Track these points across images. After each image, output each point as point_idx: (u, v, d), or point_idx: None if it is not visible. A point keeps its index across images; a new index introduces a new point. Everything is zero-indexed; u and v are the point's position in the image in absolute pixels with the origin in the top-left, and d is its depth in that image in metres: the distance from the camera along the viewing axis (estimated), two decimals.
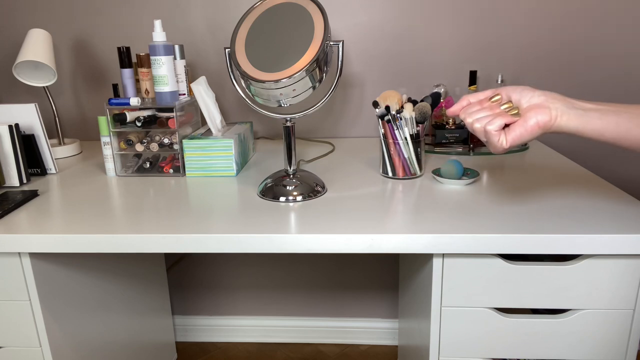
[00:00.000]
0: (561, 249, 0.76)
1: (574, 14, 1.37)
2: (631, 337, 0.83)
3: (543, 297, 0.82)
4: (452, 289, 0.83)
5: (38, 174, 1.16)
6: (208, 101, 1.16)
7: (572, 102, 0.69)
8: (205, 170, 1.13)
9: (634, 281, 0.80)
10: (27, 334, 0.91)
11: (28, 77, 1.31)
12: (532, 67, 1.41)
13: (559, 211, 0.85)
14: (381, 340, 1.69)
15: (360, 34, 1.43)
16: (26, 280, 0.88)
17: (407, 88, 1.46)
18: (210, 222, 0.85)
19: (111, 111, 1.12)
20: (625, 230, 0.76)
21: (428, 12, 1.39)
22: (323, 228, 0.81)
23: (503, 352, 0.86)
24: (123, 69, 1.26)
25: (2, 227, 0.85)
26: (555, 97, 0.69)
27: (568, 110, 0.68)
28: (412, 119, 1.03)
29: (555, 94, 0.69)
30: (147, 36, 1.47)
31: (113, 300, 1.21)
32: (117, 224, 0.85)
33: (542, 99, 0.69)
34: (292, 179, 0.98)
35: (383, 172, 1.09)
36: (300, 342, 1.72)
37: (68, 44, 1.50)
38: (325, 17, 0.89)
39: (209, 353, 1.68)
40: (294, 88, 0.89)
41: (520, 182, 1.01)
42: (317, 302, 1.69)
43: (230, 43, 0.93)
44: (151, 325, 1.45)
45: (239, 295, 1.70)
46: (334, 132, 1.52)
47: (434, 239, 0.77)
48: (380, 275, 1.64)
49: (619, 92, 1.41)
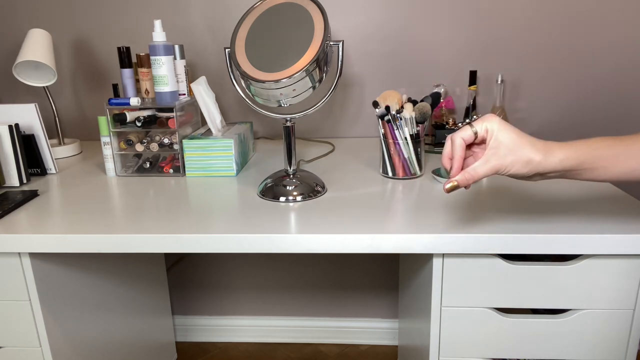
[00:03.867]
0: (561, 249, 0.76)
1: (574, 14, 1.36)
2: (631, 337, 0.83)
3: (543, 297, 0.82)
4: (452, 289, 0.83)
5: (38, 174, 1.16)
6: (208, 101, 1.16)
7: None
8: (205, 170, 1.13)
9: (634, 281, 0.80)
10: (27, 334, 0.91)
11: (28, 77, 1.31)
12: (532, 67, 1.41)
13: (559, 211, 0.85)
14: (381, 340, 1.69)
15: (360, 34, 1.42)
16: (26, 280, 0.88)
17: (407, 88, 1.46)
18: (210, 222, 0.85)
19: (111, 111, 1.12)
20: (625, 230, 0.76)
21: (428, 12, 1.39)
22: (323, 228, 0.81)
23: (503, 352, 0.86)
24: (123, 69, 1.26)
25: (2, 227, 0.85)
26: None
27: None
28: (412, 119, 1.03)
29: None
30: (147, 36, 1.47)
31: (113, 300, 1.21)
32: (117, 224, 0.85)
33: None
34: (292, 179, 0.98)
35: (383, 172, 1.09)
36: (300, 342, 1.72)
37: (68, 44, 1.50)
38: (325, 17, 0.89)
39: (209, 353, 1.68)
40: (294, 88, 0.89)
41: (520, 183, 1.01)
42: (317, 302, 1.69)
43: (230, 43, 0.93)
44: (151, 325, 1.45)
45: (239, 295, 1.70)
46: (334, 132, 1.52)
47: (434, 239, 0.77)
48: (380, 275, 1.64)
49: (620, 91, 1.41)
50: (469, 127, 0.68)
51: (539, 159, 0.65)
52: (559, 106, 1.44)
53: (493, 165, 0.66)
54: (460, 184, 0.67)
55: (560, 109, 1.44)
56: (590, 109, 1.44)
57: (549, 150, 0.65)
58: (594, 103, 1.43)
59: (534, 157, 0.65)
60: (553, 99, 1.44)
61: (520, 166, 0.65)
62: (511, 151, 0.65)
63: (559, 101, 1.44)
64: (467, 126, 0.68)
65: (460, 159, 0.68)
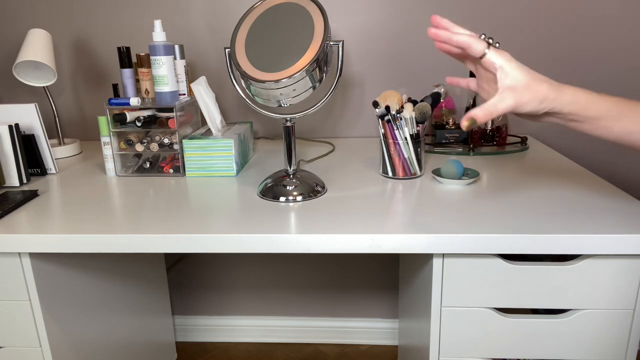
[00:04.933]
0: (561, 249, 0.76)
1: (574, 13, 1.37)
2: (631, 337, 0.83)
3: (543, 297, 0.82)
4: (452, 289, 0.83)
5: (38, 174, 1.16)
6: (208, 101, 1.16)
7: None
8: (205, 170, 1.13)
9: (634, 281, 0.80)
10: (27, 334, 0.91)
11: (28, 77, 1.31)
12: (532, 67, 1.41)
13: (559, 211, 0.85)
14: (381, 340, 1.69)
15: (360, 34, 1.43)
16: (26, 280, 0.88)
17: (407, 88, 1.46)
18: (210, 222, 0.85)
19: (111, 111, 1.12)
20: (625, 230, 0.76)
21: (428, 12, 1.39)
22: (323, 228, 0.81)
23: (503, 352, 0.86)
24: (123, 69, 1.26)
25: (2, 227, 0.85)
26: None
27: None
28: (412, 119, 1.03)
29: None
30: (147, 36, 1.47)
31: (113, 300, 1.21)
32: (117, 224, 0.85)
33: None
34: (292, 179, 0.98)
35: (383, 172, 1.09)
36: (300, 342, 1.72)
37: (68, 44, 1.50)
38: (325, 17, 0.89)
39: (209, 353, 1.68)
40: (294, 88, 0.89)
41: (520, 182, 1.01)
42: (317, 302, 1.69)
43: (230, 43, 0.93)
44: (151, 325, 1.45)
45: (239, 295, 1.70)
46: (334, 132, 1.52)
47: (434, 239, 0.77)
48: (380, 275, 1.64)
49: (622, 90, 1.41)
50: (484, 43, 0.67)
51: (554, 96, 0.66)
52: None
53: (511, 102, 0.66)
54: (479, 119, 0.66)
55: None
56: None
57: (562, 88, 0.66)
58: None
59: (549, 94, 0.66)
60: None
61: (537, 103, 0.66)
62: (528, 88, 0.65)
63: None
64: (483, 41, 0.67)
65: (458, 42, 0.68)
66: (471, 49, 0.67)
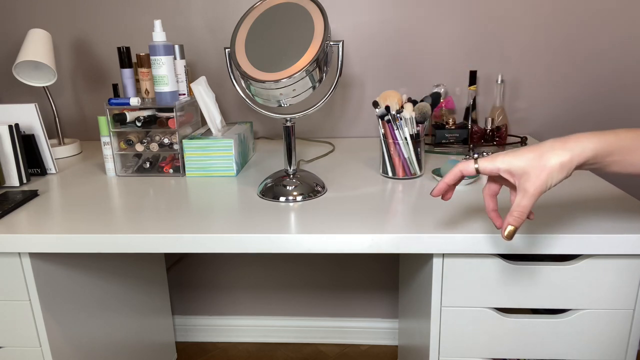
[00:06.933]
0: (561, 249, 0.76)
1: (575, 13, 1.36)
2: (631, 337, 0.83)
3: (543, 297, 0.82)
4: (452, 289, 0.83)
5: (38, 174, 1.16)
6: (208, 101, 1.16)
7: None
8: (205, 170, 1.13)
9: (634, 281, 0.80)
10: (27, 334, 0.91)
11: (28, 77, 1.31)
12: (532, 67, 1.41)
13: (559, 211, 0.85)
14: (381, 340, 1.69)
15: (360, 34, 1.43)
16: (26, 280, 0.88)
17: (407, 88, 1.46)
18: (210, 222, 0.85)
19: (111, 111, 1.12)
20: (625, 230, 0.76)
21: (428, 12, 1.39)
22: (323, 228, 0.81)
23: (503, 352, 0.86)
24: (123, 69, 1.26)
25: (2, 227, 0.85)
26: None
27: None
28: (412, 119, 1.03)
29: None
30: (147, 36, 1.47)
31: (113, 300, 1.21)
32: (117, 224, 0.85)
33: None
34: (292, 179, 0.98)
35: (383, 172, 1.09)
36: (300, 342, 1.72)
37: (68, 44, 1.50)
38: (325, 17, 0.89)
39: (209, 353, 1.68)
40: (294, 88, 0.89)
41: None
42: (317, 302, 1.69)
43: (230, 43, 0.93)
44: (151, 325, 1.45)
45: (239, 295, 1.70)
46: (334, 132, 1.52)
47: (434, 239, 0.77)
48: (380, 275, 1.64)
49: (620, 92, 1.41)
50: (472, 163, 0.68)
51: (569, 158, 0.63)
52: (559, 106, 1.44)
53: (533, 191, 0.64)
54: (517, 225, 0.66)
55: (560, 109, 1.44)
56: (590, 109, 1.44)
57: (576, 142, 0.64)
58: (594, 103, 1.43)
59: (563, 159, 0.63)
60: (553, 99, 1.44)
61: (557, 174, 0.63)
62: (539, 169, 0.63)
63: (559, 101, 1.44)
64: (470, 160, 0.68)
65: (454, 178, 0.69)
66: (465, 173, 0.68)
